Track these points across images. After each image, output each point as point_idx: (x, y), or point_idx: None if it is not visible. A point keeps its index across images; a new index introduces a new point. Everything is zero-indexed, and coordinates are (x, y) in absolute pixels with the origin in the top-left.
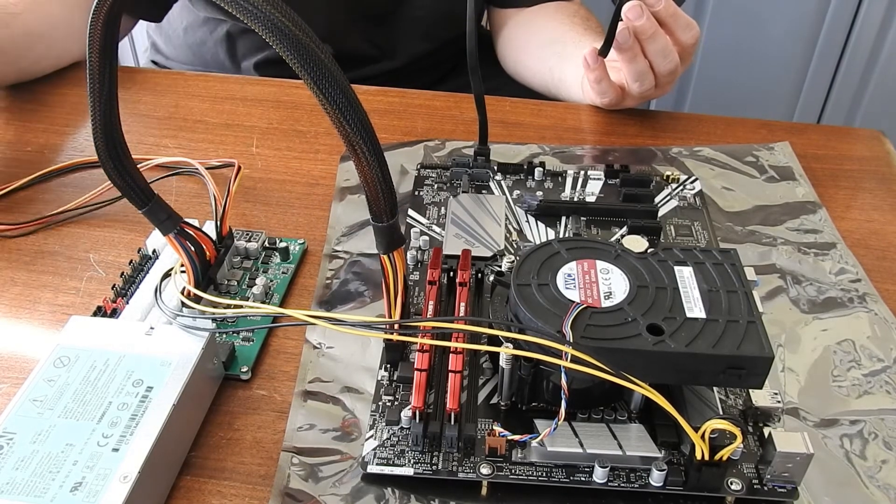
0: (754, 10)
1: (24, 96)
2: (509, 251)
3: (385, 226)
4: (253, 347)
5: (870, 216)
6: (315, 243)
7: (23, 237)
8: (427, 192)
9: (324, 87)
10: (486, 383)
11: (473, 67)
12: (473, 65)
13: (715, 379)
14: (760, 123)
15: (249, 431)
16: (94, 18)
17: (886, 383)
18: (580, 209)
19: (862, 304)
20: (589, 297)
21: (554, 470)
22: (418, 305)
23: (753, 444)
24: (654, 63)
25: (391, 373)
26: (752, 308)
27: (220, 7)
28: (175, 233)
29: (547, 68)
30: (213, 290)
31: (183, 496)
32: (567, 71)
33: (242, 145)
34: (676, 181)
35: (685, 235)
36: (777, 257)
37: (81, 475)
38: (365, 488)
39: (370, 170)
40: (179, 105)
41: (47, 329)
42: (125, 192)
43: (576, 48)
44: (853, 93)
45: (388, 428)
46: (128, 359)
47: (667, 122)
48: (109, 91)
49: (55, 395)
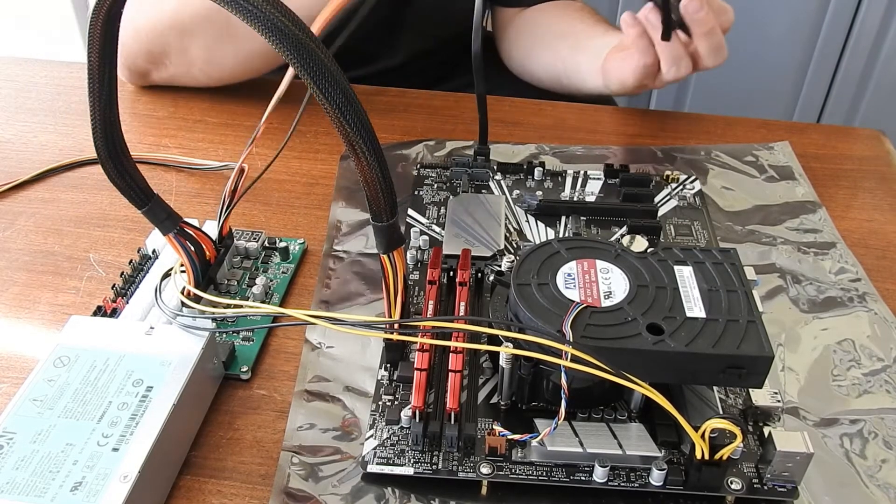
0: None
1: (24, 96)
2: (509, 251)
3: (385, 225)
4: (253, 347)
5: (869, 216)
6: (315, 243)
7: (23, 237)
8: (427, 192)
9: (324, 87)
10: (486, 383)
11: (478, 68)
12: (478, 66)
13: (715, 378)
14: (760, 123)
15: (249, 431)
16: (93, 18)
17: (886, 382)
18: (580, 209)
19: (862, 303)
20: (589, 296)
21: (554, 469)
22: (418, 305)
23: (753, 443)
24: (703, 57)
25: (391, 372)
26: (752, 307)
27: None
28: (175, 233)
29: (559, 60)
30: (213, 289)
31: (183, 496)
32: (582, 61)
33: (242, 145)
34: (676, 181)
35: (685, 235)
36: (777, 257)
37: (81, 475)
38: (365, 488)
39: (370, 170)
40: (179, 105)
41: (47, 329)
42: (125, 192)
43: (589, 40)
44: (853, 93)
45: (388, 427)
46: (128, 359)
47: (667, 122)
48: (109, 91)
49: (55, 395)
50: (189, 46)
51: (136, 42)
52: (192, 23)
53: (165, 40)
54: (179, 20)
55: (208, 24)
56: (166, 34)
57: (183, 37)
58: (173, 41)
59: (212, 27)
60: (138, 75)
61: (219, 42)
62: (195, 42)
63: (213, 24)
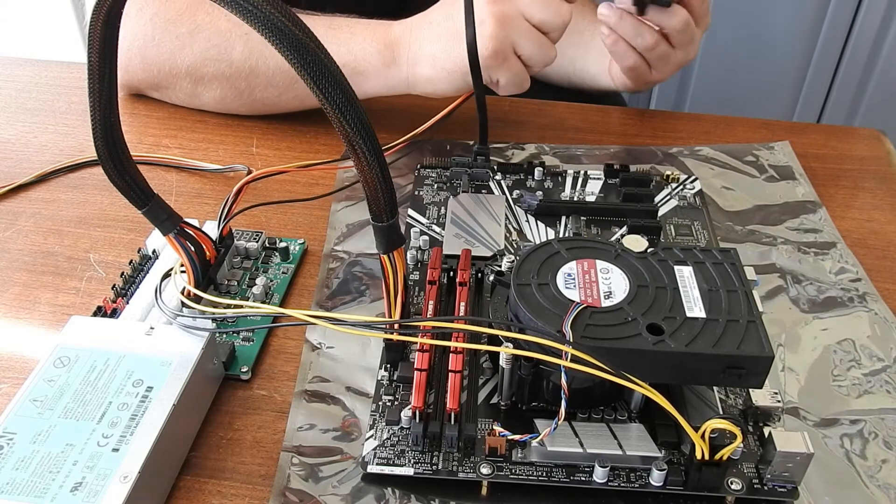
0: (754, 9)
1: (24, 96)
2: (509, 251)
3: (385, 226)
4: (253, 347)
5: (870, 216)
6: (315, 243)
7: (23, 237)
8: (427, 192)
9: (324, 87)
10: (486, 383)
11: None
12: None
13: (715, 378)
14: (760, 123)
15: (249, 431)
16: (93, 18)
17: (886, 383)
18: (580, 209)
19: (862, 303)
20: (589, 296)
21: (554, 470)
22: (418, 305)
23: (753, 443)
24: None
25: (391, 373)
26: (752, 307)
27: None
28: (175, 233)
29: (567, 60)
30: (213, 290)
31: (183, 496)
32: (590, 61)
33: (242, 145)
34: (676, 181)
35: (685, 235)
36: (777, 257)
37: (81, 475)
38: (365, 488)
39: (370, 170)
40: (179, 105)
41: (47, 329)
42: (125, 192)
43: (592, 37)
44: (853, 93)
45: (388, 428)
46: (128, 359)
47: (667, 121)
48: (109, 91)
49: (55, 396)
50: (202, 94)
51: (145, 73)
52: (212, 79)
53: (177, 83)
54: (198, 73)
55: (228, 85)
56: (181, 78)
57: (198, 85)
58: (186, 86)
59: (231, 88)
60: (135, 91)
61: (235, 100)
62: (209, 93)
63: (233, 86)
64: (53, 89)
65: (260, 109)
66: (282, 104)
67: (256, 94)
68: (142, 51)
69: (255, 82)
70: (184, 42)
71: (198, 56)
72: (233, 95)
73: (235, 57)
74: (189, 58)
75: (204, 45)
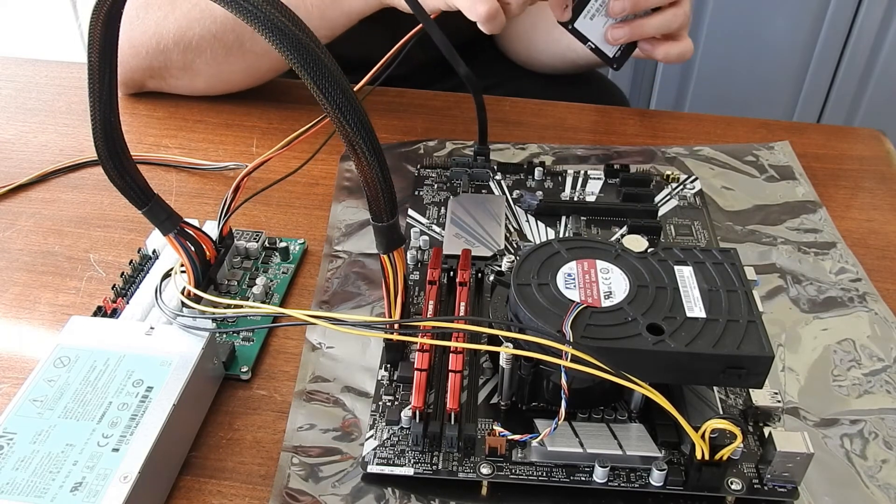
0: (754, 10)
1: (24, 96)
2: (509, 251)
3: (385, 226)
4: (253, 347)
5: (870, 215)
6: (315, 243)
7: (23, 237)
8: (427, 192)
9: (324, 87)
10: (486, 383)
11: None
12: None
13: (715, 378)
14: (760, 123)
15: (249, 431)
16: (94, 18)
17: (887, 383)
18: (580, 209)
19: (862, 303)
20: (589, 296)
21: (554, 470)
22: (418, 305)
23: (753, 443)
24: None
25: (391, 373)
26: (752, 307)
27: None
28: (175, 233)
29: (568, 49)
30: (213, 290)
31: (183, 496)
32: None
33: (242, 145)
34: (676, 181)
35: (685, 235)
36: (777, 257)
37: (81, 475)
38: (365, 488)
39: (370, 170)
40: (179, 105)
41: (47, 329)
42: (125, 192)
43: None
44: (853, 93)
45: (388, 428)
46: (128, 359)
47: (667, 121)
48: (109, 91)
49: (55, 396)
50: (194, 61)
51: (135, 58)
52: (200, 40)
53: (168, 56)
54: (185, 38)
55: (217, 42)
56: (170, 50)
57: (187, 53)
58: (177, 57)
59: (220, 45)
60: (134, 87)
61: (227, 58)
62: (201, 58)
63: (221, 41)
64: (53, 89)
65: (254, 65)
66: (274, 53)
67: (247, 44)
68: (128, 35)
69: (242, 32)
70: (165, 12)
71: (181, 21)
72: (224, 52)
73: (218, 11)
74: (173, 25)
75: (185, 7)
